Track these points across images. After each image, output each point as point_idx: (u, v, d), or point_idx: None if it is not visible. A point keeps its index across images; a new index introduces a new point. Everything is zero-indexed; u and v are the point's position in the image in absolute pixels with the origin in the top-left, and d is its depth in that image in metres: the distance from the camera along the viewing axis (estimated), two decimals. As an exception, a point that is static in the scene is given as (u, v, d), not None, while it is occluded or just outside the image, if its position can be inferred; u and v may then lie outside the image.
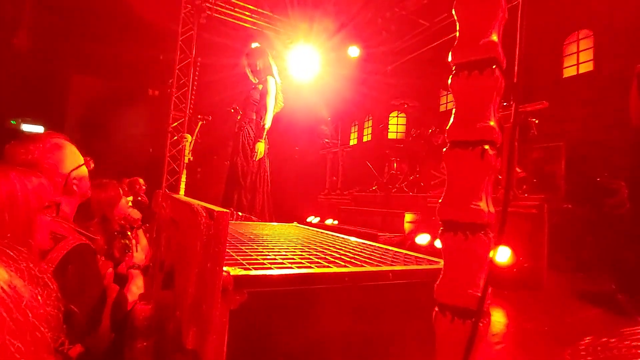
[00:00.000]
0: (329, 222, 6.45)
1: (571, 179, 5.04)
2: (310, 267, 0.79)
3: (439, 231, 0.63)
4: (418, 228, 4.59)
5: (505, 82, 0.64)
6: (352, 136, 11.58)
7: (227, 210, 0.50)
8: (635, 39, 4.97)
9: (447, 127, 0.65)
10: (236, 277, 0.61)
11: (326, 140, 8.03)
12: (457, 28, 0.65)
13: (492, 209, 0.61)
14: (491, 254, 0.58)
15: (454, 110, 0.64)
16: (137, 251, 2.05)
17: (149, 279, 2.08)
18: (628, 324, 2.27)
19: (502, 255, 3.31)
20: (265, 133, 3.92)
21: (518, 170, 4.32)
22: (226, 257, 0.83)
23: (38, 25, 8.32)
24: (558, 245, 3.83)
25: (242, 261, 0.78)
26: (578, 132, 5.38)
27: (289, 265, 0.79)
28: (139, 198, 5.37)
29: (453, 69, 0.64)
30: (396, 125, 9.60)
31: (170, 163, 7.86)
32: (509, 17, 0.67)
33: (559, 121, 5.30)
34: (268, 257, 0.89)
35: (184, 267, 0.73)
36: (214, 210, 0.49)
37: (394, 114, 9.38)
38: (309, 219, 7.16)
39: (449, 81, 0.65)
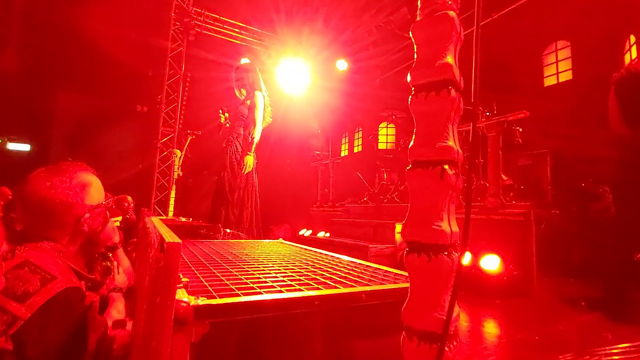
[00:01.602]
0: (321, 234, 6.41)
1: (557, 185, 5.11)
2: (280, 292, 0.77)
3: (404, 252, 0.63)
4: (409, 238, 4.59)
5: (465, 101, 0.65)
6: (342, 147, 11.65)
7: (179, 241, 0.49)
8: (611, 48, 5.14)
9: (409, 147, 0.65)
10: (197, 307, 0.60)
11: (317, 152, 8.06)
12: (415, 50, 0.66)
13: (455, 229, 0.60)
14: (455, 275, 0.57)
15: (414, 130, 0.65)
16: (118, 273, 2.01)
17: (132, 302, 2.02)
18: (616, 331, 2.28)
19: (492, 263, 3.31)
20: (254, 147, 3.92)
21: (504, 177, 4.37)
22: (194, 284, 0.82)
23: (25, 44, 8.29)
24: (547, 251, 3.85)
25: (209, 288, 0.76)
26: (562, 139, 5.48)
27: (259, 290, 0.78)
28: (127, 216, 5.30)
29: (412, 90, 0.65)
30: (386, 136, 9.69)
31: (160, 179, 7.79)
32: (484, 33, 0.68)
33: (543, 129, 5.41)
34: (240, 281, 0.87)
35: (138, 299, 0.70)
36: (164, 240, 0.47)
37: (383, 124, 9.49)
38: (301, 232, 7.12)
39: (409, 102, 0.66)
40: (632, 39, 4.98)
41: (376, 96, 8.96)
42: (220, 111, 4.20)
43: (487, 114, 4.06)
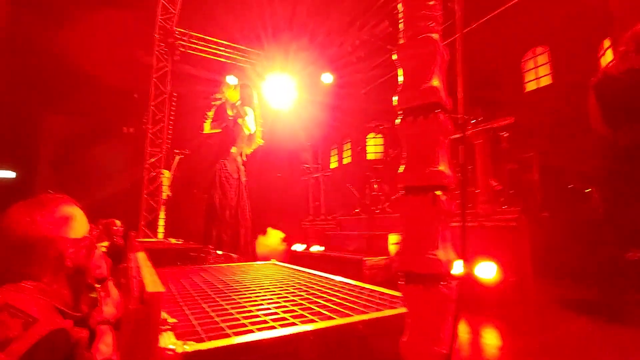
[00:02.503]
0: (314, 248, 6.34)
1: (546, 188, 5.17)
2: (274, 328, 0.73)
3: (399, 283, 0.60)
4: (403, 249, 4.56)
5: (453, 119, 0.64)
6: (332, 159, 11.67)
7: (162, 290, 0.45)
8: (588, 52, 5.31)
9: (399, 172, 0.63)
10: (185, 354, 0.56)
11: (306, 165, 8.05)
12: (400, 74, 0.65)
13: (451, 256, 0.58)
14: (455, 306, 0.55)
15: (404, 155, 0.63)
16: (106, 304, 1.93)
17: (120, 334, 1.94)
18: (615, 331, 2.28)
19: (487, 271, 3.30)
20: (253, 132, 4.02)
21: (494, 183, 4.41)
22: (182, 323, 0.77)
23: (7, 68, 8.17)
24: (541, 255, 3.86)
25: (198, 328, 0.72)
26: (547, 141, 5.59)
27: (251, 328, 0.74)
28: (115, 240, 5.17)
29: (399, 113, 0.63)
30: (374, 146, 9.75)
31: (148, 200, 7.65)
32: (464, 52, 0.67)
33: (528, 133, 5.51)
34: (231, 316, 0.83)
35: (120, 347, 0.66)
36: (144, 289, 0.44)
37: (371, 135, 9.56)
38: (294, 247, 7.03)
39: (397, 125, 0.64)
40: (606, 43, 5.16)
41: (362, 107, 9.05)
42: (212, 97, 4.25)
43: (473, 121, 4.12)
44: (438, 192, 0.57)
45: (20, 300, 1.07)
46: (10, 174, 9.89)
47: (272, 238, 7.47)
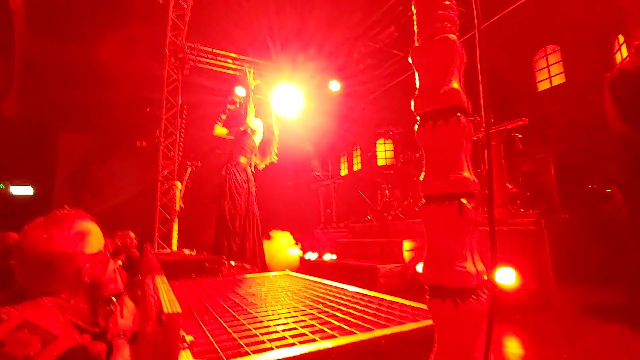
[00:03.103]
0: (327, 257, 6.28)
1: (564, 189, 5.03)
2: (293, 345, 0.70)
3: (426, 297, 0.57)
4: (418, 255, 4.47)
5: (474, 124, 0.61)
6: (342, 167, 11.63)
7: (179, 311, 0.43)
8: (601, 49, 5.19)
9: (421, 179, 0.60)
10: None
11: (317, 173, 8.04)
12: (416, 77, 0.63)
13: (481, 268, 0.55)
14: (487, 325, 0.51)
15: (424, 162, 0.60)
16: (121, 317, 1.92)
17: (137, 347, 1.93)
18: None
19: (507, 277, 3.19)
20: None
21: (509, 186, 4.30)
22: (200, 340, 0.75)
23: (26, 90, 8.46)
24: (562, 259, 3.73)
25: (217, 346, 0.69)
26: (562, 141, 5.46)
27: (270, 345, 0.71)
28: (131, 253, 5.22)
29: (417, 119, 0.61)
30: (384, 152, 9.69)
31: (162, 212, 7.73)
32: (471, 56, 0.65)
33: (542, 133, 5.40)
34: (249, 332, 0.81)
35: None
36: (162, 311, 0.42)
37: (381, 141, 9.51)
38: (307, 256, 6.98)
39: (416, 131, 0.62)
40: (621, 38, 5.03)
41: (371, 114, 9.04)
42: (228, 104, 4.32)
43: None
44: (464, 200, 0.54)
45: (39, 316, 1.07)
46: (28, 190, 10.16)
47: (278, 241, 7.40)
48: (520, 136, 4.72)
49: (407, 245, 4.65)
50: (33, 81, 8.57)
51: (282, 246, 7.15)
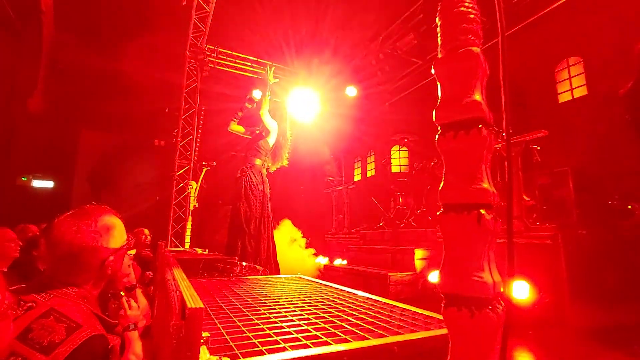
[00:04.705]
0: (337, 262, 6.27)
1: (582, 204, 4.90)
2: (307, 347, 0.72)
3: (442, 305, 0.57)
4: (430, 265, 4.42)
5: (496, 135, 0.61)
6: (355, 172, 11.61)
7: (202, 306, 0.45)
8: (625, 61, 5.06)
9: (440, 189, 0.61)
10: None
11: (330, 178, 8.06)
12: (439, 87, 0.64)
13: (497, 279, 0.55)
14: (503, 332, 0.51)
15: (444, 171, 0.61)
16: (130, 309, 1.96)
17: (148, 341, 1.97)
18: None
19: (521, 291, 3.13)
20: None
21: (526, 198, 4.22)
22: (215, 337, 0.77)
23: (51, 88, 8.79)
24: (578, 275, 3.62)
25: (232, 343, 0.71)
26: (582, 155, 5.33)
27: (283, 345, 0.72)
28: (145, 250, 5.32)
29: (438, 129, 0.62)
30: (399, 159, 9.63)
31: (176, 210, 7.88)
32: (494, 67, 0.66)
33: (562, 146, 5.28)
34: (263, 332, 0.82)
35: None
36: (186, 305, 0.44)
37: (396, 148, 9.46)
38: (317, 260, 6.99)
39: (436, 141, 0.63)
40: (646, 52, 4.90)
41: (386, 120, 9.01)
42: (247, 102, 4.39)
43: (504, 134, 3.98)
44: (483, 211, 0.55)
45: (64, 305, 1.12)
46: (49, 184, 10.51)
47: (285, 230, 7.31)
48: (538, 148, 4.63)
49: (418, 254, 4.61)
50: (58, 79, 8.90)
51: (307, 254, 7.15)
